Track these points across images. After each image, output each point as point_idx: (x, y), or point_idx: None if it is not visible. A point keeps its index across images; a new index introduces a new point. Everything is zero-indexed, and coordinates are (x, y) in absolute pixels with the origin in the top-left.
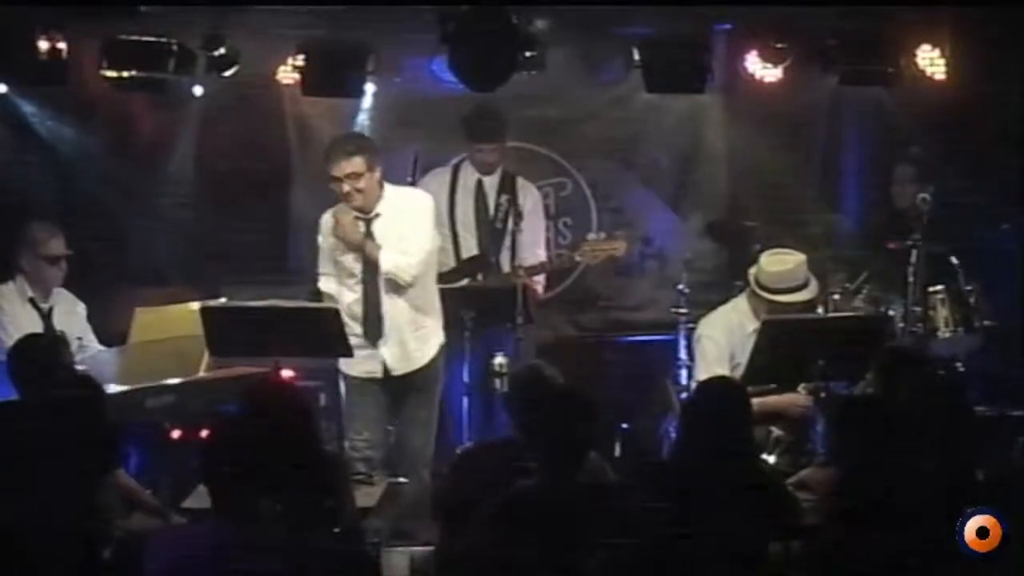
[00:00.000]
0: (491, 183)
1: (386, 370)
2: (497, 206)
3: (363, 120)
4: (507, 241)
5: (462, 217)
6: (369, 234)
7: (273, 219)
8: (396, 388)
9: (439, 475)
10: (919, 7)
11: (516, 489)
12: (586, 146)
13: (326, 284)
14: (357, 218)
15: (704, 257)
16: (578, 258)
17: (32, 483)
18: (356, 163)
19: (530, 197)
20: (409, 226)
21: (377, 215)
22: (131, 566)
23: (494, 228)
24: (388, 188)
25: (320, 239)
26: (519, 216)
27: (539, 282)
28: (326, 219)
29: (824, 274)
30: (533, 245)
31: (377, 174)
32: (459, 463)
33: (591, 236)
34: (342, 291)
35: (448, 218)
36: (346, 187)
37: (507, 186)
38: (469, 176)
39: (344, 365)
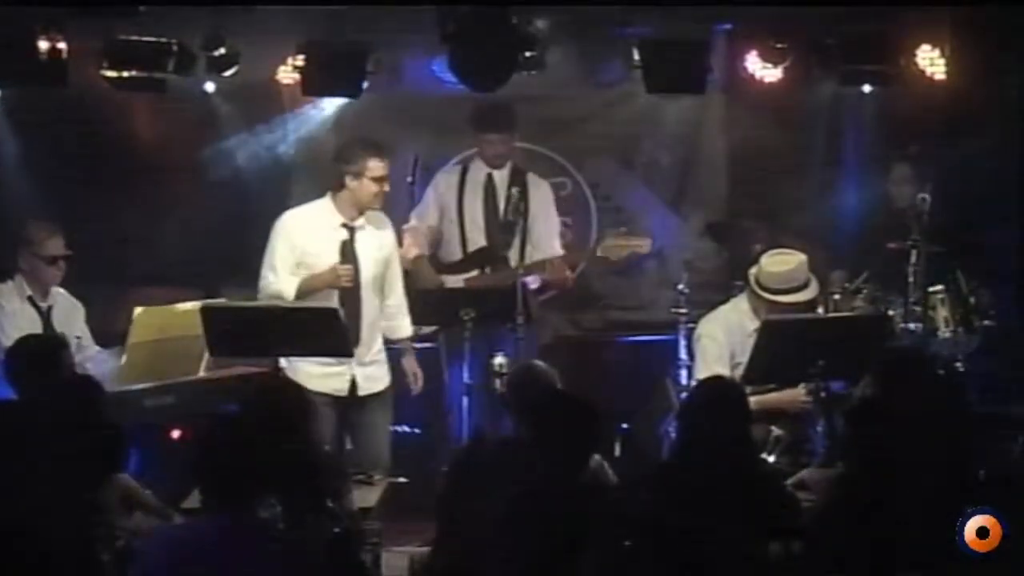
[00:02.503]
0: (501, 177)
1: (353, 389)
2: (507, 199)
3: (363, 120)
4: (517, 236)
5: (470, 212)
6: (351, 243)
7: (274, 219)
8: (352, 405)
9: (438, 475)
10: (919, 7)
11: (516, 489)
12: (586, 146)
13: (281, 285)
14: (344, 225)
15: (704, 257)
16: (600, 253)
17: (31, 484)
18: (386, 165)
19: (541, 191)
20: (389, 245)
21: (361, 226)
22: (131, 566)
23: (504, 222)
24: None
25: (283, 238)
26: (527, 210)
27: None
28: (294, 218)
29: (824, 274)
30: (548, 238)
31: None
32: (457, 463)
33: (613, 233)
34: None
35: (457, 213)
36: (379, 187)
37: (517, 180)
38: (479, 171)
39: (305, 380)
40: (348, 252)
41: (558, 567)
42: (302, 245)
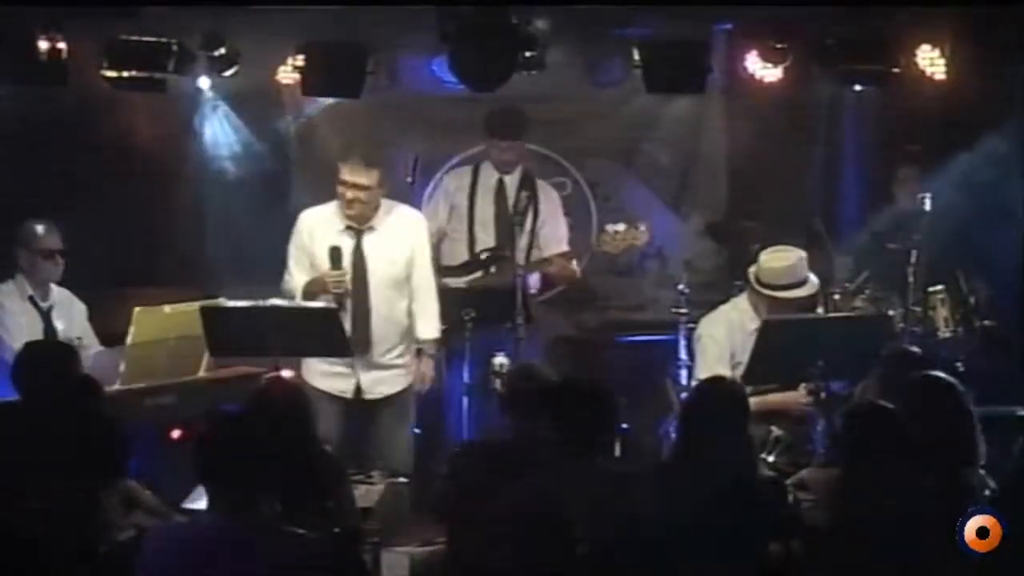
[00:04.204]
0: (512, 182)
1: (359, 391)
2: (516, 203)
3: (363, 120)
4: (524, 237)
5: (480, 215)
6: (359, 247)
7: (273, 219)
8: (363, 409)
9: (437, 475)
10: (919, 7)
11: (515, 489)
12: (586, 146)
13: (295, 283)
14: (349, 227)
15: (704, 257)
16: (599, 247)
17: (32, 485)
18: (373, 176)
19: (550, 196)
20: (409, 245)
21: (370, 227)
22: (131, 566)
23: (512, 224)
24: (384, 201)
25: (295, 238)
26: (536, 214)
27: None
28: (306, 219)
29: (824, 273)
30: (556, 242)
31: (383, 190)
32: (453, 464)
33: (611, 227)
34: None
35: (467, 215)
36: (351, 195)
37: (527, 185)
38: (490, 175)
39: (309, 377)
40: (338, 258)
41: (557, 566)
42: (308, 247)
